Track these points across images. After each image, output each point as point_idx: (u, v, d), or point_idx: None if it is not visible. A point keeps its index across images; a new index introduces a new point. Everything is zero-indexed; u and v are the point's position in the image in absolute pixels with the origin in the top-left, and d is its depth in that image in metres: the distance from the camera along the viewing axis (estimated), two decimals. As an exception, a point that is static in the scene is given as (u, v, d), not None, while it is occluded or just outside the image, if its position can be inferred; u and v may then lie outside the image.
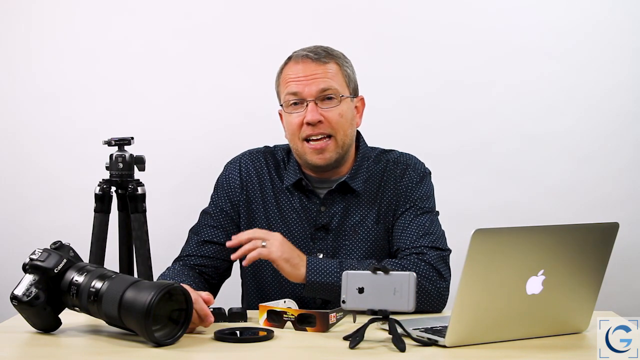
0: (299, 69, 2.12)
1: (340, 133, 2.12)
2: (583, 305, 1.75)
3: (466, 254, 1.56)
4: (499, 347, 1.65)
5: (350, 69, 2.18)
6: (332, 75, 2.12)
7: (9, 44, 3.00)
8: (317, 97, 2.10)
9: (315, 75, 2.11)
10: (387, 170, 2.20)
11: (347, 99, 2.14)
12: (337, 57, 2.16)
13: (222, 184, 2.23)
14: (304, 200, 2.17)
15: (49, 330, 1.76)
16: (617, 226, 1.71)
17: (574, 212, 2.94)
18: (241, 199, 2.20)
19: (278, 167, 2.22)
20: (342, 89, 2.13)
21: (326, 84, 2.11)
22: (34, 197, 3.00)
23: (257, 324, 1.85)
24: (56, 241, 1.77)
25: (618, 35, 2.96)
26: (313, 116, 2.09)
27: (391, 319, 1.64)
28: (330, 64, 2.13)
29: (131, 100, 2.99)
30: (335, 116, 2.11)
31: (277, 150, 2.26)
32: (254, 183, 2.21)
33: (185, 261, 2.14)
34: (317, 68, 2.11)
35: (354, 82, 2.19)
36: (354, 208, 2.16)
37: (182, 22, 2.98)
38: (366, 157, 2.21)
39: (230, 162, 2.27)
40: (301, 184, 2.17)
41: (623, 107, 2.97)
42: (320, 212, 2.16)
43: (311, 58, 2.12)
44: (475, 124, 2.98)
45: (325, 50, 2.16)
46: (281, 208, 2.18)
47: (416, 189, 2.17)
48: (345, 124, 2.13)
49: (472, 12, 2.98)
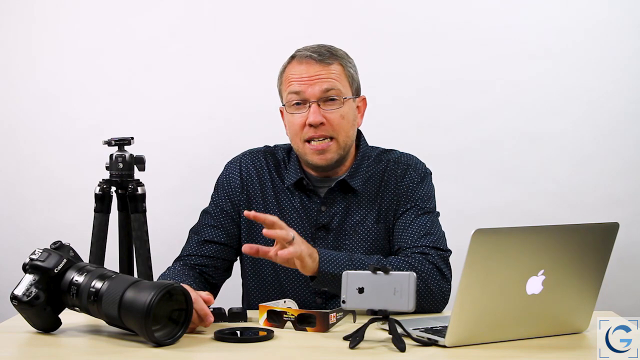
0: (302, 69, 2.11)
1: (342, 135, 2.11)
2: (583, 305, 1.75)
3: (466, 254, 1.56)
4: (499, 347, 1.65)
5: (353, 69, 2.17)
6: (335, 76, 2.11)
7: (10, 43, 3.01)
8: (320, 98, 2.09)
9: (319, 76, 2.10)
10: (387, 170, 2.19)
11: (350, 100, 2.14)
12: (340, 58, 2.15)
13: (223, 183, 2.23)
14: (305, 200, 2.17)
15: (49, 330, 1.76)
16: (617, 226, 1.71)
17: (574, 212, 2.94)
18: (242, 199, 2.20)
19: (278, 167, 2.22)
20: (345, 90, 2.13)
21: (329, 86, 2.10)
22: (34, 197, 3.00)
23: (257, 324, 1.85)
24: (56, 241, 1.77)
25: (618, 35, 2.96)
26: (315, 118, 2.08)
27: (391, 319, 1.64)
28: (334, 64, 2.12)
29: (131, 100, 2.99)
30: (337, 118, 2.10)
31: (277, 150, 2.26)
32: (255, 183, 2.21)
33: (186, 261, 2.14)
34: (320, 69, 2.10)
35: (357, 82, 2.18)
36: (354, 208, 2.16)
37: (182, 22, 2.99)
38: (366, 157, 2.21)
39: (231, 162, 2.26)
40: (302, 183, 2.17)
41: (623, 107, 2.97)
42: (321, 212, 2.16)
43: (315, 59, 2.11)
44: (475, 124, 2.98)
45: (329, 50, 2.15)
46: (282, 207, 2.18)
47: (417, 189, 2.17)
48: (346, 126, 2.12)
49: (472, 12, 2.98)
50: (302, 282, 2.14)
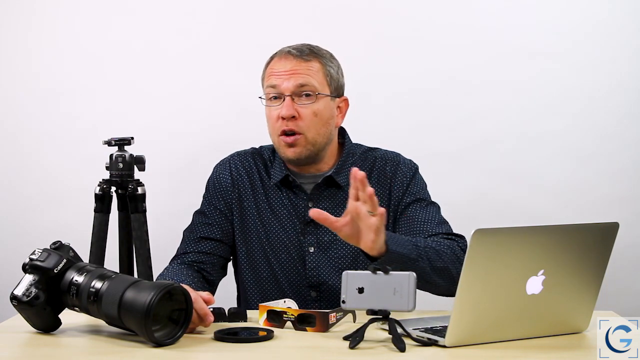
0: (281, 64, 2.17)
1: (311, 131, 2.15)
2: (583, 305, 1.75)
3: (466, 254, 1.56)
4: (499, 347, 1.65)
5: (335, 69, 2.20)
6: (312, 72, 2.15)
7: (9, 43, 3.00)
8: (294, 92, 2.14)
9: (295, 71, 2.14)
10: (375, 167, 2.23)
11: (326, 97, 2.17)
12: (321, 57, 2.19)
13: (214, 183, 2.27)
14: (292, 197, 2.21)
15: (49, 330, 1.76)
16: (617, 226, 1.71)
17: (574, 212, 2.94)
18: (233, 197, 2.24)
19: (266, 166, 2.27)
20: (321, 87, 2.16)
21: (304, 80, 2.14)
22: (34, 197, 3.00)
23: (257, 324, 1.85)
24: (56, 241, 1.77)
25: (618, 35, 2.96)
26: (288, 111, 2.13)
27: (391, 319, 1.64)
28: (313, 62, 2.16)
29: (131, 100, 2.99)
30: (309, 114, 2.14)
31: (264, 150, 2.30)
32: (245, 182, 2.25)
33: (183, 259, 2.16)
34: (298, 64, 2.15)
35: (337, 82, 2.21)
36: (341, 204, 2.17)
37: (182, 21, 2.99)
38: (351, 154, 2.25)
39: (220, 164, 2.31)
40: (288, 180, 2.21)
41: (623, 107, 2.97)
42: (308, 208, 2.18)
43: (294, 55, 2.16)
44: (475, 124, 2.98)
45: (311, 48, 2.19)
46: (272, 205, 2.22)
47: (413, 184, 2.21)
48: (318, 123, 2.15)
49: (472, 12, 2.98)
50: (296, 276, 2.18)
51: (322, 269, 2.17)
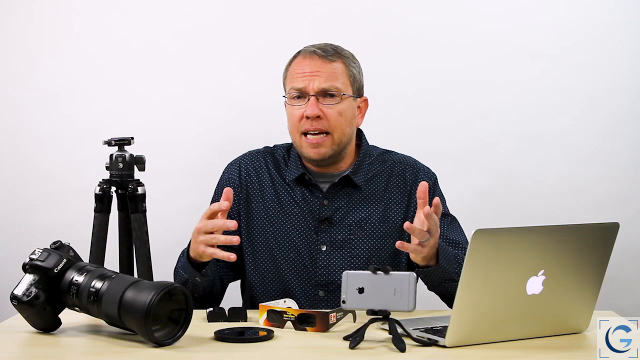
0: (306, 64, 2.17)
1: (337, 131, 2.16)
2: (583, 305, 1.75)
3: (466, 254, 1.56)
4: (499, 347, 1.65)
5: (357, 70, 2.23)
6: (336, 73, 2.17)
7: (9, 43, 3.00)
8: (318, 92, 2.15)
9: (320, 72, 2.16)
10: (394, 171, 2.26)
11: (349, 98, 2.19)
12: (344, 57, 2.21)
13: (223, 184, 2.28)
14: (307, 194, 2.22)
15: (49, 330, 1.76)
16: (617, 226, 1.71)
17: (574, 212, 2.94)
18: (241, 197, 2.25)
19: (278, 166, 2.27)
20: (345, 88, 2.18)
21: (329, 81, 2.15)
22: (34, 197, 2.99)
23: (257, 324, 1.85)
24: (56, 241, 1.77)
25: (617, 35, 2.96)
26: (313, 110, 2.13)
27: (391, 319, 1.64)
28: (337, 62, 2.18)
29: (131, 100, 2.98)
30: (334, 114, 2.15)
31: (277, 149, 2.31)
32: (253, 182, 2.26)
33: None
34: (322, 65, 2.16)
35: (359, 82, 2.23)
36: (357, 204, 2.21)
37: (182, 21, 2.98)
38: (368, 155, 2.26)
39: (231, 164, 2.32)
40: (304, 178, 2.22)
41: (623, 107, 2.97)
42: (323, 205, 2.20)
43: (318, 55, 2.17)
44: (475, 124, 2.97)
45: (334, 48, 2.21)
46: (282, 203, 2.22)
47: (435, 194, 2.23)
48: (343, 123, 2.17)
49: (472, 12, 2.98)
50: (304, 275, 2.19)
51: (333, 268, 2.17)
